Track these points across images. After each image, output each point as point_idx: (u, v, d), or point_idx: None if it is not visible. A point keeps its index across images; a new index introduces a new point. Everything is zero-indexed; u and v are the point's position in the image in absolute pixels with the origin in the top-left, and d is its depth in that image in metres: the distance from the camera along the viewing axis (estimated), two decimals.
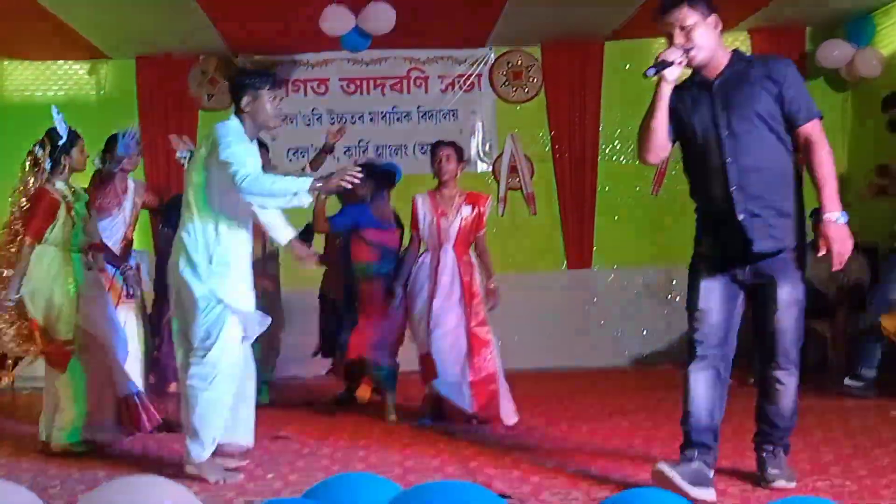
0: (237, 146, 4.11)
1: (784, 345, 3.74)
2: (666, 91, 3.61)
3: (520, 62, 8.87)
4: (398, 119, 8.78)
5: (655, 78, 3.62)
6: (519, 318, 8.49)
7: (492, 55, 8.85)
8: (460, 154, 6.00)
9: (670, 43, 3.62)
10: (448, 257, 5.81)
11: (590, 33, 8.43)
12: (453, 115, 8.82)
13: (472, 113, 8.85)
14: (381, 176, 6.10)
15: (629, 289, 8.71)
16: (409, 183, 7.91)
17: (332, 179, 4.21)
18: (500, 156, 8.84)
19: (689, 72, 3.75)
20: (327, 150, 6.93)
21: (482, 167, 8.85)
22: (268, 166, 6.88)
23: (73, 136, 5.15)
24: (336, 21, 6.91)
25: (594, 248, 8.77)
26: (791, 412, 3.85)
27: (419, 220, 5.89)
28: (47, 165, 5.05)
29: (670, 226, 8.39)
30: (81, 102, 8.45)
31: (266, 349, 6.22)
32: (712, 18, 3.63)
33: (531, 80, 8.87)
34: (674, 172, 8.73)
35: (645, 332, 8.64)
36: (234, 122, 4.26)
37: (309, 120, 8.70)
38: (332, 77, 8.74)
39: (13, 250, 5.01)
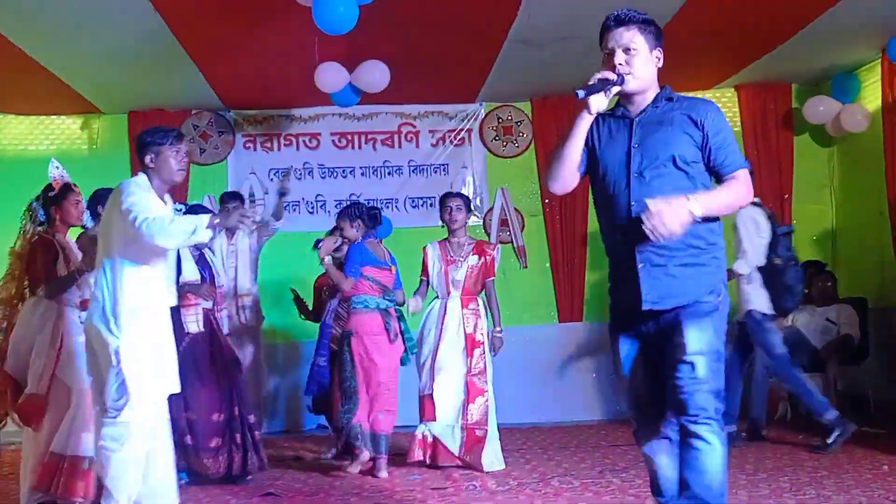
0: (137, 196, 4.21)
1: (698, 398, 3.14)
2: (586, 122, 3.23)
3: (510, 117, 8.96)
4: (389, 173, 8.84)
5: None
6: (510, 371, 8.45)
7: (482, 110, 8.93)
8: (468, 205, 6.35)
9: (607, 64, 3.28)
10: (455, 305, 6.14)
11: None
12: (444, 170, 8.88)
13: (463, 167, 8.91)
14: (368, 217, 6.17)
15: None
16: (399, 236, 7.97)
17: (230, 218, 4.41)
18: (490, 209, 8.88)
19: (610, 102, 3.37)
20: (283, 193, 7.40)
21: (473, 220, 8.85)
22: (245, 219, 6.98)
23: (66, 190, 5.14)
24: (331, 78, 6.98)
25: (585, 302, 8.77)
26: (720, 484, 3.17)
27: (429, 267, 6.22)
28: (40, 216, 5.06)
29: None
30: (74, 157, 8.45)
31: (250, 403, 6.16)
32: (657, 52, 3.35)
33: (521, 134, 8.95)
34: None
35: None
36: (140, 178, 4.39)
37: (301, 174, 8.73)
38: (323, 132, 8.81)
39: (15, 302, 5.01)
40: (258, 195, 8.08)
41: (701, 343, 3.16)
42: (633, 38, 3.29)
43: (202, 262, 6.00)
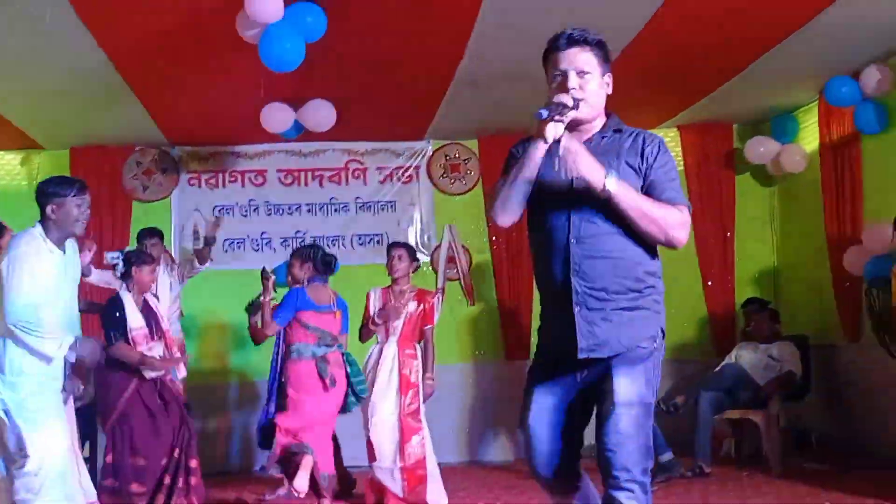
0: (18, 263, 4.19)
1: (622, 456, 2.89)
2: (540, 150, 2.95)
3: (457, 155, 8.99)
4: (336, 210, 8.80)
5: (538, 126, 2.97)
6: (457, 409, 8.46)
7: (430, 148, 8.96)
8: (412, 254, 6.46)
9: (559, 88, 3.03)
10: (391, 350, 6.20)
11: (525, 127, 8.57)
12: (391, 207, 8.86)
13: (411, 204, 8.90)
14: (322, 262, 6.14)
15: None
16: (346, 273, 7.92)
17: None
18: (438, 247, 8.88)
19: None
20: (209, 243, 7.36)
21: (420, 258, 8.84)
22: (160, 260, 6.90)
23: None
24: (276, 118, 6.96)
25: (532, 339, 8.78)
26: None
27: (370, 312, 6.27)
28: None
29: None
30: (13, 193, 8.30)
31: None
32: (608, 77, 3.13)
33: (469, 172, 8.98)
34: None
35: None
36: (35, 229, 4.33)
37: (246, 211, 8.67)
38: (269, 168, 8.75)
39: None
40: (202, 233, 7.97)
41: (630, 393, 2.92)
42: (588, 60, 3.06)
43: (146, 310, 5.92)
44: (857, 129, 7.25)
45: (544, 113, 2.90)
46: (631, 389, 2.92)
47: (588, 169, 2.90)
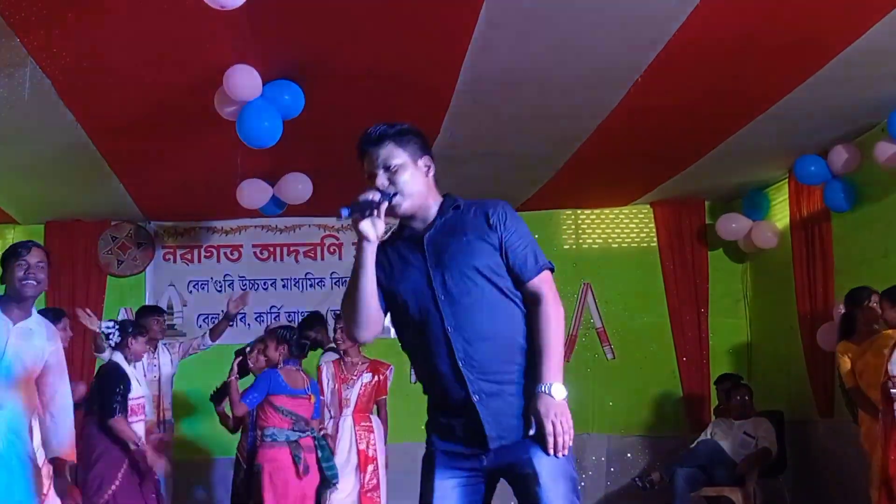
0: None
1: None
2: (370, 252, 2.84)
3: None
4: (311, 285, 8.79)
5: (356, 235, 2.88)
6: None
7: None
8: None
9: (372, 185, 2.91)
10: (346, 424, 6.22)
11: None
12: None
13: None
14: (297, 345, 6.09)
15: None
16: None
17: None
18: None
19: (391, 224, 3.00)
20: (229, 318, 7.28)
21: (395, 333, 8.81)
22: (161, 334, 6.85)
23: None
24: (253, 194, 6.99)
25: None
26: None
27: (324, 386, 6.27)
28: None
29: (582, 389, 8.42)
30: None
31: None
32: (424, 160, 2.98)
33: None
34: (584, 339, 8.88)
35: None
36: None
37: (221, 286, 8.64)
38: (245, 243, 8.76)
39: None
40: (176, 308, 7.95)
41: (556, 470, 2.71)
42: (390, 153, 2.92)
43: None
44: (826, 206, 7.36)
45: (345, 212, 2.80)
46: (556, 467, 2.72)
47: (566, 416, 2.71)
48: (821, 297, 7.55)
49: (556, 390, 2.70)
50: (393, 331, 8.49)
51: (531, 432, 2.70)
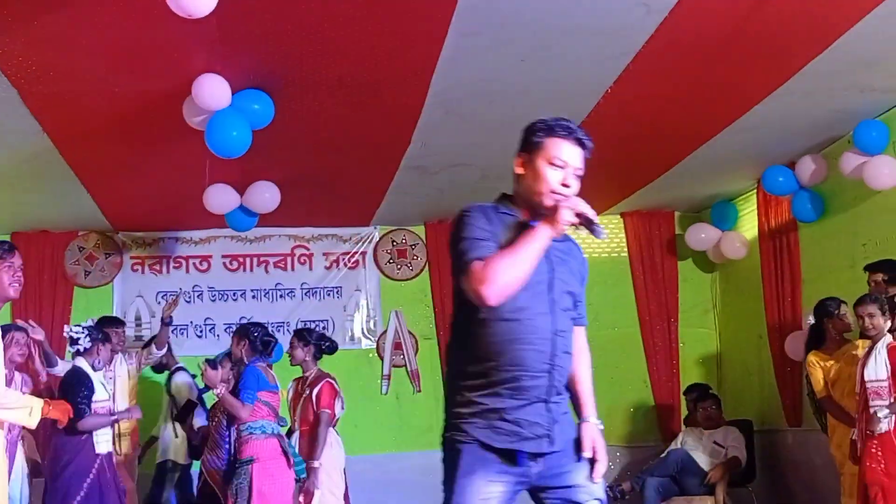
0: None
1: None
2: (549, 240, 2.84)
3: (404, 240, 9.02)
4: (281, 296, 8.74)
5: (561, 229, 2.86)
6: (404, 499, 8.31)
7: (376, 233, 8.98)
8: (304, 339, 6.40)
9: (551, 178, 2.90)
10: (295, 437, 6.25)
11: None
12: (337, 293, 8.83)
13: (357, 290, 8.88)
14: (261, 342, 6.06)
15: None
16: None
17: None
18: (384, 333, 8.83)
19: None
20: (165, 324, 7.18)
21: (366, 344, 8.82)
22: (119, 345, 6.77)
23: None
24: (220, 199, 6.93)
25: None
26: None
27: (289, 402, 6.37)
28: None
29: None
30: None
31: None
32: None
33: (415, 258, 9.00)
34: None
35: None
36: None
37: (190, 297, 8.57)
38: (214, 254, 8.69)
39: None
40: (145, 319, 7.87)
41: (602, 489, 2.94)
42: (583, 164, 2.97)
43: None
44: (794, 217, 7.43)
45: (604, 234, 2.95)
46: (602, 485, 2.94)
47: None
48: (789, 306, 7.61)
49: (595, 425, 2.97)
50: (364, 342, 8.50)
51: (587, 455, 2.89)
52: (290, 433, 6.30)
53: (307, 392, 6.25)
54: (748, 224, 8.36)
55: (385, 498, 8.13)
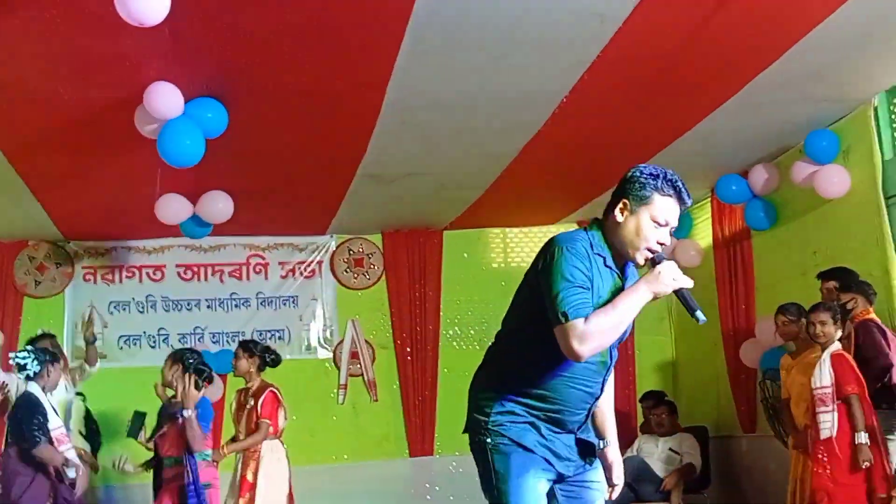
0: None
1: None
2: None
3: (361, 249, 8.98)
4: (237, 306, 8.66)
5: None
6: None
7: (333, 242, 8.93)
8: (249, 350, 6.38)
9: (650, 234, 2.92)
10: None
11: (429, 223, 8.68)
12: (293, 302, 8.77)
13: (313, 299, 8.83)
14: (193, 367, 5.86)
15: (471, 475, 8.59)
16: None
17: None
18: (340, 342, 8.78)
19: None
20: (89, 343, 7.10)
21: (323, 353, 8.77)
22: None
23: None
24: (172, 210, 6.86)
25: (437, 435, 8.69)
26: None
27: (233, 413, 6.39)
28: None
29: None
30: None
31: None
32: None
33: (372, 266, 8.97)
34: None
35: None
36: None
37: (143, 307, 8.46)
38: (168, 263, 8.59)
39: None
40: (97, 330, 7.74)
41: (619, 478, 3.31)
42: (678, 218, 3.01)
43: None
44: (747, 225, 7.51)
45: (703, 318, 2.99)
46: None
47: None
48: (743, 314, 7.69)
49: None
50: (321, 352, 8.46)
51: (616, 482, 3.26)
52: (233, 440, 6.28)
53: (251, 403, 6.22)
54: (703, 232, 8.43)
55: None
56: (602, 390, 3.09)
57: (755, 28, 4.93)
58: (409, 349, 8.75)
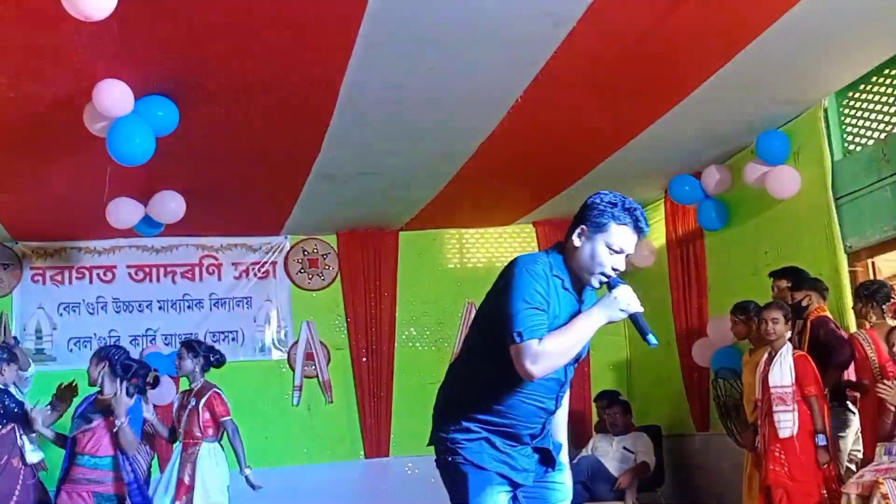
0: None
1: None
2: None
3: (315, 250, 8.93)
4: (189, 307, 8.55)
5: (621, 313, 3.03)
6: None
7: (287, 243, 8.86)
8: (193, 350, 6.32)
9: (604, 260, 3.02)
10: (176, 451, 6.20)
11: (384, 223, 8.65)
12: (247, 303, 8.69)
13: (267, 300, 8.75)
14: (119, 364, 5.76)
15: (426, 477, 8.58)
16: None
17: None
18: (295, 343, 8.71)
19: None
20: (9, 347, 6.52)
21: (277, 355, 8.69)
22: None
23: None
24: (123, 214, 6.76)
25: (392, 437, 8.65)
26: None
27: (174, 413, 6.33)
28: None
29: None
30: None
31: None
32: None
33: (327, 267, 8.91)
34: None
35: None
36: None
37: (93, 308, 8.32)
38: (119, 264, 8.46)
39: None
40: (46, 332, 7.61)
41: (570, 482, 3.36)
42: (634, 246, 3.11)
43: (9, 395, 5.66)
44: (700, 225, 7.57)
45: (655, 342, 3.07)
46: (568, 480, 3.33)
47: None
48: (696, 313, 7.75)
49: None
50: (275, 353, 8.41)
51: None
52: (173, 439, 6.21)
53: (192, 403, 6.15)
54: (656, 232, 8.48)
55: None
56: (557, 406, 3.18)
57: (707, 30, 4.98)
58: (364, 350, 8.71)
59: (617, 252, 3.03)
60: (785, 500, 5.33)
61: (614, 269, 3.04)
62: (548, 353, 2.87)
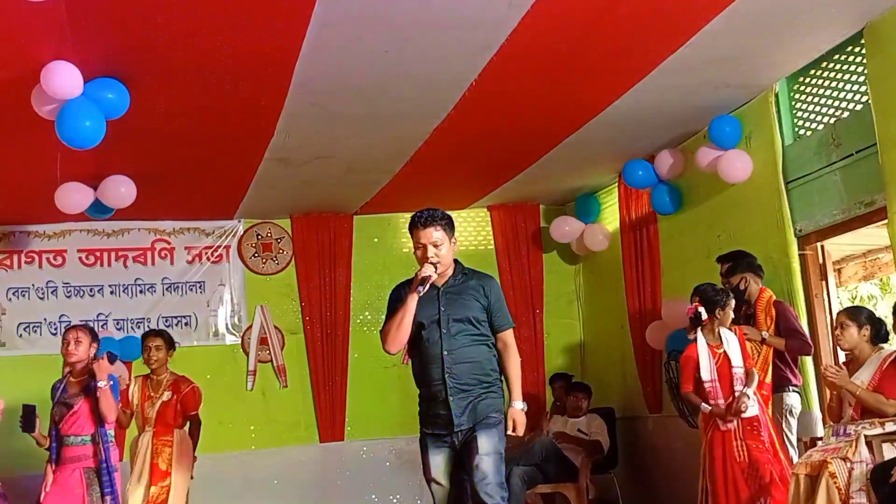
0: None
1: (488, 488, 4.22)
2: (416, 299, 4.31)
3: (269, 234, 8.86)
4: (141, 291, 8.45)
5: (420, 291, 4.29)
6: (271, 496, 8.19)
7: (240, 227, 8.79)
8: (169, 342, 6.50)
9: (422, 256, 4.37)
10: (145, 439, 6.30)
11: (339, 207, 8.61)
12: (200, 287, 8.60)
13: (221, 285, 8.67)
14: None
15: (381, 460, 8.61)
16: None
17: None
18: (249, 328, 8.65)
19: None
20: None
21: (231, 339, 8.62)
22: None
23: None
24: (73, 199, 6.65)
25: (347, 421, 8.64)
26: None
27: (130, 401, 6.38)
28: None
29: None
30: None
31: None
32: (454, 239, 4.49)
33: (281, 251, 8.85)
34: None
35: (395, 502, 8.52)
36: None
37: (43, 293, 8.19)
38: (69, 248, 8.32)
39: None
40: None
41: (489, 446, 4.28)
42: (440, 236, 4.39)
43: None
44: (653, 209, 7.63)
45: (421, 290, 4.29)
46: (489, 443, 4.30)
47: (524, 421, 4.45)
48: (649, 296, 7.83)
49: (518, 405, 4.41)
50: (228, 338, 8.41)
51: (510, 431, 4.40)
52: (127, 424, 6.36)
53: (167, 396, 6.32)
54: (610, 217, 8.55)
55: (248, 495, 8.02)
56: (453, 367, 4.36)
57: (660, 14, 5.00)
58: (319, 335, 8.67)
59: (422, 246, 4.41)
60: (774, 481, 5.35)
61: (427, 258, 4.37)
62: (387, 331, 4.41)
